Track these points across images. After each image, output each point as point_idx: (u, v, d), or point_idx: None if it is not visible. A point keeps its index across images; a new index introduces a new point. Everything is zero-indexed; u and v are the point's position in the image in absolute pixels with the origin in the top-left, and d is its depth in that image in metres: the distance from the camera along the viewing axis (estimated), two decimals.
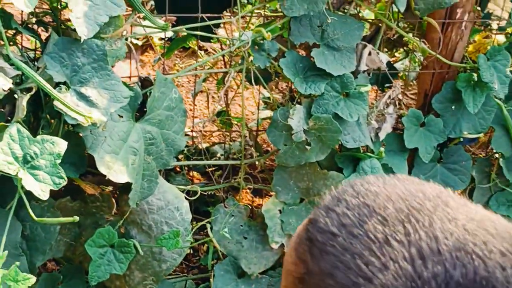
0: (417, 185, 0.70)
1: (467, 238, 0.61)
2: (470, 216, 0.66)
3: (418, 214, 0.64)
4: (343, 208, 0.69)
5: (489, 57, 2.45)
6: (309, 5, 2.17)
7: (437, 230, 0.62)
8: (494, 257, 0.60)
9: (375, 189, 0.69)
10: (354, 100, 2.29)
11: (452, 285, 0.59)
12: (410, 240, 0.62)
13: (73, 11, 1.79)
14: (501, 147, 2.65)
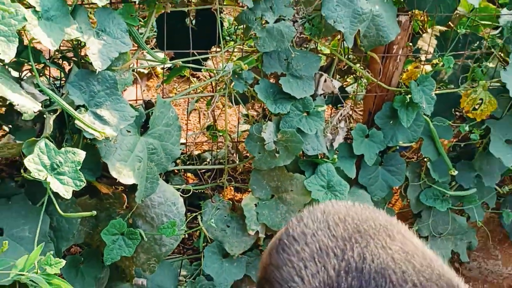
0: (374, 213, 0.69)
1: (389, 265, 0.63)
2: (404, 249, 0.64)
3: (360, 237, 0.66)
4: (309, 220, 0.69)
5: (419, 83, 2.45)
6: (277, 43, 2.16)
7: (368, 252, 0.64)
8: (406, 286, 0.61)
9: (338, 209, 0.69)
10: (313, 117, 2.27)
11: None
12: (344, 256, 0.63)
13: (90, 49, 1.78)
14: (428, 153, 2.64)
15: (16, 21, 1.58)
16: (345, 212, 0.69)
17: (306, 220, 0.70)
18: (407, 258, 0.61)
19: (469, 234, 2.97)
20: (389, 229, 0.66)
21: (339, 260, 0.62)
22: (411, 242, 0.66)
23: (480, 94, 2.54)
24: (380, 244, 0.64)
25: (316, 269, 0.62)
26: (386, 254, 0.63)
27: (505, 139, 2.67)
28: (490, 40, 2.65)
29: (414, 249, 0.64)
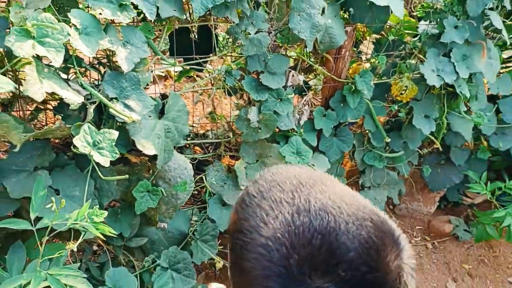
0: (309, 171, 0.68)
1: (328, 203, 0.59)
2: (336, 192, 0.62)
3: (303, 187, 0.62)
4: (262, 181, 0.66)
5: (361, 76, 2.42)
6: (257, 49, 2.11)
7: (311, 197, 0.60)
8: (342, 216, 0.58)
9: (282, 171, 0.67)
10: (285, 102, 2.23)
11: (311, 231, 0.57)
12: (294, 202, 0.60)
13: (118, 56, 1.73)
14: (369, 126, 2.62)
15: (62, 36, 1.54)
16: (288, 172, 0.66)
17: (260, 182, 0.66)
18: (340, 197, 0.61)
19: (399, 184, 2.97)
20: (322, 180, 0.64)
21: (290, 206, 0.59)
22: (340, 188, 0.65)
23: (405, 82, 2.51)
24: (318, 191, 0.61)
25: (275, 214, 0.59)
26: (324, 197, 0.60)
27: (424, 115, 2.65)
28: (412, 44, 2.62)
29: (343, 192, 0.63)
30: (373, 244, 0.58)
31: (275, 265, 0.57)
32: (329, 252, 0.56)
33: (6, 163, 1.74)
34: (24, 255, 1.79)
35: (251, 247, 0.60)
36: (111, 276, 1.98)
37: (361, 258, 0.56)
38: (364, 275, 0.56)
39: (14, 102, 1.88)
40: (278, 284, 0.57)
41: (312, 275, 0.56)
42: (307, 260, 0.56)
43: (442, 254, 3.20)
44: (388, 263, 0.58)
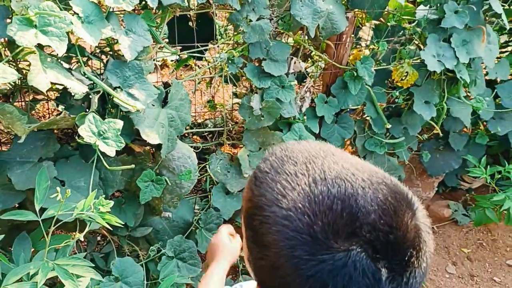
0: (318, 144, 0.68)
1: (343, 171, 0.62)
2: (348, 161, 0.64)
3: (316, 159, 0.64)
4: (273, 157, 0.67)
5: (362, 62, 2.40)
6: (259, 36, 2.08)
7: (325, 167, 0.62)
8: (358, 182, 0.61)
9: (291, 147, 0.68)
10: (287, 89, 2.22)
11: (331, 198, 0.59)
12: (309, 174, 0.62)
13: (121, 44, 1.70)
14: (370, 112, 2.61)
15: (65, 25, 1.51)
16: (297, 147, 0.67)
17: (271, 158, 0.67)
18: (352, 165, 0.63)
19: (399, 170, 2.97)
20: (332, 151, 0.66)
21: (306, 177, 0.61)
22: (350, 157, 0.67)
23: (406, 68, 2.50)
24: (331, 161, 0.63)
25: (292, 186, 0.61)
26: (337, 166, 0.62)
27: (424, 101, 2.65)
28: (412, 29, 2.61)
29: (354, 160, 0.65)
30: (390, 206, 0.60)
31: (300, 234, 0.59)
32: (351, 216, 0.58)
33: (10, 155, 1.72)
34: (30, 246, 1.77)
35: (272, 220, 0.61)
36: (117, 266, 1.97)
37: (381, 219, 0.58)
38: (387, 235, 0.58)
39: (16, 93, 1.85)
40: (305, 252, 0.58)
41: (338, 239, 0.58)
42: (331, 226, 0.58)
43: (441, 238, 3.22)
44: (407, 222, 0.60)
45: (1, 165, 1.71)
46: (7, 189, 1.73)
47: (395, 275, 0.59)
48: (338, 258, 0.57)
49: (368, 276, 0.57)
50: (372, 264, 0.58)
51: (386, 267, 0.58)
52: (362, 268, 0.57)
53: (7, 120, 1.55)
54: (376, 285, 0.58)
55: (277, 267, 0.61)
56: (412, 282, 0.60)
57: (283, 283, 0.61)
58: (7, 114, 1.53)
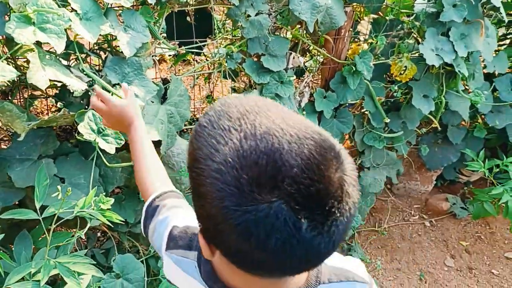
0: (255, 99, 0.71)
1: (272, 127, 0.64)
2: (281, 116, 0.66)
3: (249, 114, 0.66)
4: (212, 112, 0.70)
5: (361, 57, 2.39)
6: (258, 31, 2.08)
7: (257, 123, 0.65)
8: (285, 137, 0.63)
9: (230, 102, 0.70)
10: (286, 85, 2.21)
11: (258, 152, 0.62)
12: (241, 129, 0.65)
13: (120, 41, 1.69)
14: (369, 107, 2.61)
15: (63, 22, 1.50)
16: (235, 102, 0.70)
17: (210, 113, 0.70)
18: (283, 121, 0.65)
19: (398, 164, 2.97)
20: (268, 107, 0.68)
21: (238, 132, 0.64)
22: (286, 113, 0.69)
23: (404, 62, 2.50)
24: (263, 116, 0.65)
25: (225, 141, 0.64)
26: (268, 121, 0.64)
27: (423, 95, 2.65)
28: (410, 23, 2.60)
29: (288, 116, 0.67)
30: (314, 160, 0.63)
31: (228, 186, 0.63)
32: (274, 170, 0.62)
33: (10, 152, 1.71)
34: (31, 244, 1.77)
35: (207, 173, 0.66)
36: (118, 263, 1.97)
37: (304, 173, 0.62)
38: (308, 187, 0.62)
39: (15, 90, 1.84)
40: (232, 203, 0.63)
41: (261, 191, 0.62)
42: (255, 179, 0.62)
43: (439, 231, 3.23)
44: (330, 175, 0.64)
45: (0, 162, 1.71)
46: (7, 186, 1.73)
47: (317, 224, 0.63)
48: (261, 209, 0.61)
49: (289, 225, 0.62)
50: (293, 214, 0.62)
51: (306, 217, 0.62)
52: (283, 218, 0.61)
53: (6, 118, 1.54)
54: (297, 233, 0.62)
55: (211, 216, 0.67)
56: (334, 230, 0.65)
57: (217, 229, 0.67)
58: (7, 112, 1.52)
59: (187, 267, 0.92)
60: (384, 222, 3.22)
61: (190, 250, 0.93)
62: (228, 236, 0.65)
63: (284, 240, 0.63)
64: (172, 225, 1.00)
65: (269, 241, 0.63)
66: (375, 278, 2.85)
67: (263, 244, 0.63)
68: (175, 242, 0.97)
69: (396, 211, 3.32)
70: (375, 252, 3.05)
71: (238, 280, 0.82)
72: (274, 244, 0.63)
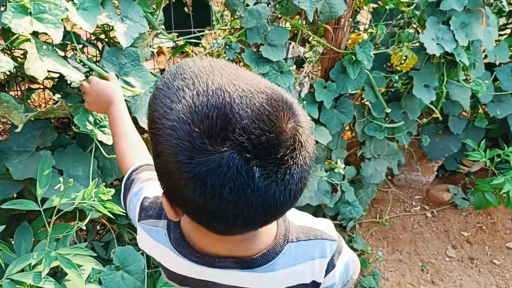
0: (210, 61, 0.72)
1: (225, 83, 0.66)
2: (234, 74, 0.69)
3: (202, 74, 0.68)
4: (168, 74, 0.72)
5: (361, 46, 2.38)
6: (257, 20, 2.05)
7: (210, 81, 0.67)
8: (237, 92, 0.65)
9: (185, 64, 0.72)
10: (286, 75, 2.19)
11: (209, 107, 0.64)
12: (194, 87, 0.67)
13: (117, 31, 1.67)
14: (369, 97, 2.59)
15: (60, 12, 1.48)
16: (190, 63, 0.72)
17: (166, 75, 0.73)
18: (237, 77, 0.68)
19: (399, 155, 2.96)
20: (222, 66, 0.71)
21: (191, 90, 0.66)
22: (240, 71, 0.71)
23: (405, 52, 2.48)
24: (217, 75, 0.68)
25: (178, 99, 0.66)
26: (221, 79, 0.67)
27: (423, 84, 2.63)
28: (410, 12, 2.58)
29: (242, 73, 0.70)
30: (265, 111, 0.65)
31: (181, 141, 0.65)
32: (225, 122, 0.63)
33: (7, 144, 1.70)
34: (31, 236, 1.76)
35: (162, 131, 0.68)
36: (118, 255, 1.96)
37: (254, 123, 0.63)
38: (258, 137, 0.64)
39: (12, 82, 1.82)
40: (186, 156, 0.65)
41: (213, 143, 0.63)
42: (206, 132, 0.64)
43: (441, 222, 3.22)
44: (281, 125, 0.65)
45: None
46: (4, 179, 1.72)
47: (270, 172, 0.65)
48: (212, 159, 0.64)
49: (242, 174, 0.64)
50: (245, 163, 0.64)
51: (258, 165, 0.64)
52: (235, 167, 0.63)
53: (3, 109, 1.53)
54: (250, 182, 0.64)
55: (167, 173, 0.69)
56: (288, 178, 0.67)
57: (175, 186, 0.69)
58: (3, 103, 1.51)
59: (157, 236, 0.95)
60: (385, 213, 3.21)
61: (160, 219, 0.96)
62: (185, 190, 0.67)
63: (238, 189, 0.65)
64: (143, 196, 1.03)
65: (223, 190, 0.65)
66: (376, 269, 2.85)
67: (218, 194, 0.65)
68: (146, 213, 1.00)
69: (397, 202, 3.31)
70: (376, 243, 3.04)
71: (206, 242, 0.85)
72: (229, 194, 0.65)
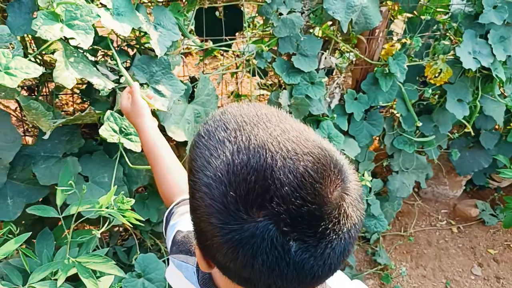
0: (256, 108, 0.65)
1: (268, 140, 0.60)
2: (280, 128, 0.62)
3: (246, 125, 0.62)
4: (211, 121, 0.66)
5: (394, 58, 2.30)
6: (290, 30, 1.99)
7: (252, 135, 0.61)
8: (281, 152, 0.58)
9: (230, 111, 0.65)
10: (317, 86, 2.13)
11: (248, 168, 0.58)
12: (236, 141, 0.61)
13: (152, 40, 1.63)
14: (400, 110, 2.51)
15: (92, 18, 1.45)
16: (235, 111, 0.65)
17: (209, 122, 0.66)
18: (283, 133, 0.60)
19: (427, 168, 2.87)
20: (268, 117, 0.63)
21: (232, 145, 0.60)
22: (287, 123, 0.63)
23: (440, 65, 2.39)
24: (261, 128, 0.61)
25: (218, 154, 0.60)
26: (265, 134, 0.60)
27: (457, 99, 2.54)
28: (447, 24, 2.48)
29: (289, 127, 0.62)
30: (308, 178, 0.58)
31: (215, 203, 0.60)
32: (263, 188, 0.57)
33: (35, 149, 1.68)
34: (53, 241, 1.74)
35: (198, 186, 0.63)
36: (139, 262, 1.93)
37: (295, 192, 0.57)
38: (299, 208, 0.57)
39: (41, 86, 1.80)
40: (219, 220, 0.59)
41: (248, 211, 0.58)
42: (242, 197, 0.58)
43: (467, 238, 3.12)
44: (326, 194, 0.59)
45: (25, 159, 1.68)
46: (31, 183, 1.70)
47: (308, 247, 0.59)
48: (246, 228, 0.58)
49: (277, 247, 0.58)
50: (281, 235, 0.58)
51: (295, 239, 0.58)
52: (270, 239, 0.58)
53: (32, 116, 1.50)
54: (285, 255, 0.59)
55: (200, 230, 0.64)
56: (329, 252, 0.60)
57: (207, 245, 0.64)
58: (32, 110, 1.48)
59: (186, 272, 0.91)
60: (410, 227, 3.12)
61: (191, 255, 0.92)
62: (216, 253, 0.63)
63: (271, 261, 0.59)
64: (177, 230, 0.99)
65: (256, 262, 0.59)
66: (399, 284, 2.77)
67: (250, 264, 0.60)
68: (177, 247, 0.97)
69: (423, 216, 3.22)
70: (400, 258, 2.96)
71: None
72: (261, 265, 0.59)
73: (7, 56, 1.31)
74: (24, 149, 1.67)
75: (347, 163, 0.64)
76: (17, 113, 2.01)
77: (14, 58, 1.32)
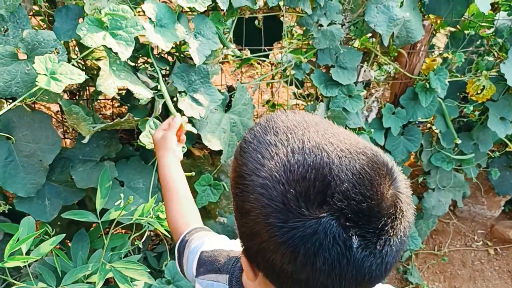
0: (302, 115, 0.69)
1: (321, 142, 0.62)
2: (330, 131, 0.65)
3: (297, 129, 0.64)
4: (258, 127, 0.67)
5: (436, 73, 2.26)
6: (330, 42, 1.99)
7: (305, 137, 0.63)
8: (335, 151, 0.60)
9: (277, 117, 0.68)
10: (355, 99, 2.11)
11: (306, 167, 0.59)
12: (288, 143, 0.62)
13: (191, 48, 1.65)
14: (439, 126, 2.47)
15: (135, 30, 1.47)
16: (281, 118, 0.68)
17: (256, 128, 0.68)
18: (333, 135, 0.63)
19: (465, 187, 2.81)
20: (316, 122, 0.66)
21: (285, 147, 0.61)
22: (335, 128, 0.67)
23: (482, 82, 2.34)
24: (312, 131, 0.63)
25: (271, 156, 0.62)
26: (317, 136, 0.62)
27: (499, 117, 2.47)
28: (492, 40, 2.43)
29: (338, 131, 0.65)
30: (366, 175, 0.60)
31: (274, 202, 0.60)
32: (323, 185, 0.59)
33: (74, 153, 1.72)
34: (88, 244, 1.78)
35: (251, 188, 0.63)
36: (169, 269, 1.95)
37: (355, 188, 0.59)
38: (359, 203, 0.58)
39: (83, 91, 1.84)
40: (278, 219, 0.60)
41: (309, 207, 0.59)
42: (303, 194, 0.59)
43: (504, 261, 3.03)
44: (383, 192, 0.60)
45: (64, 162, 1.72)
46: (68, 186, 1.74)
47: (368, 243, 0.60)
48: (308, 225, 0.58)
49: (339, 243, 0.58)
50: (343, 231, 0.58)
51: (357, 235, 0.59)
52: (332, 235, 0.58)
53: (72, 120, 1.54)
54: (347, 252, 0.59)
55: (254, 233, 0.64)
56: (387, 250, 0.62)
57: (261, 248, 0.64)
58: (73, 115, 1.52)
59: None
60: (444, 246, 3.05)
61: (221, 273, 0.92)
62: (272, 255, 0.62)
63: (333, 259, 0.59)
64: (200, 251, 1.00)
65: (317, 260, 0.59)
66: None
67: (311, 263, 0.60)
68: (205, 267, 0.97)
69: (458, 235, 3.14)
70: (433, 277, 2.89)
71: None
72: (322, 264, 0.59)
73: (53, 61, 1.35)
74: (63, 152, 1.71)
75: (395, 165, 0.66)
76: (57, 116, 2.06)
77: (59, 64, 1.36)
